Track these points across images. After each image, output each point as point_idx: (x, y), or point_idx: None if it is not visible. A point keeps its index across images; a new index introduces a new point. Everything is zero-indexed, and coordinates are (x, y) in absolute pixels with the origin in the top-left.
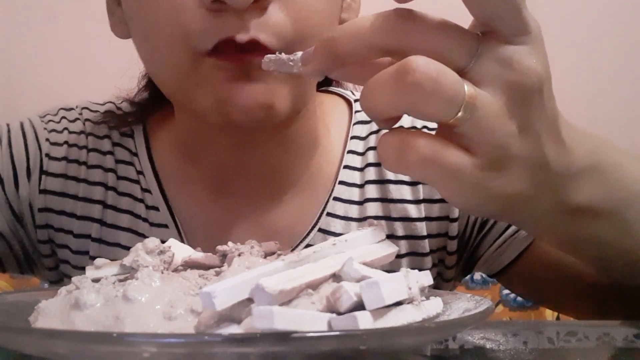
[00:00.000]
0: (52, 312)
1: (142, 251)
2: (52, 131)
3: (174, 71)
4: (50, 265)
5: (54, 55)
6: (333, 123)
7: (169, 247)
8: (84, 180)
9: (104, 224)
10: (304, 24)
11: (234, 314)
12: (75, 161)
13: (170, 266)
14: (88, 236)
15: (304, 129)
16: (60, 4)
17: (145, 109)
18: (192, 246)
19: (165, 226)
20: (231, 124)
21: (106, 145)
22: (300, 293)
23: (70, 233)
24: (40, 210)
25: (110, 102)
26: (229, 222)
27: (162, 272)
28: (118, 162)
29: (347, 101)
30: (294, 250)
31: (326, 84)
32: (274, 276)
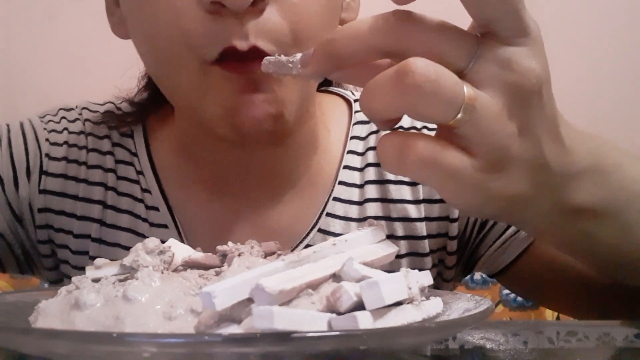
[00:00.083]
0: (52, 312)
1: (142, 251)
2: (52, 131)
3: (181, 77)
4: (50, 265)
5: (54, 55)
6: (333, 123)
7: (169, 247)
8: (84, 181)
9: (103, 224)
10: (301, 27)
11: (234, 314)
12: (75, 161)
13: (170, 266)
14: (88, 236)
15: (303, 129)
16: (60, 4)
17: (145, 109)
18: (192, 246)
19: (165, 226)
20: (239, 135)
21: (106, 145)
22: (300, 293)
23: (70, 233)
24: (40, 210)
25: (110, 102)
26: (229, 222)
27: (162, 272)
28: (118, 162)
29: (347, 101)
30: (293, 251)
31: (326, 84)
32: (274, 276)
